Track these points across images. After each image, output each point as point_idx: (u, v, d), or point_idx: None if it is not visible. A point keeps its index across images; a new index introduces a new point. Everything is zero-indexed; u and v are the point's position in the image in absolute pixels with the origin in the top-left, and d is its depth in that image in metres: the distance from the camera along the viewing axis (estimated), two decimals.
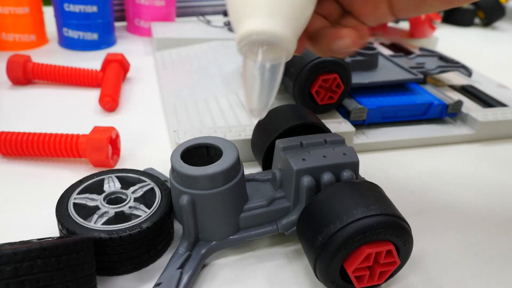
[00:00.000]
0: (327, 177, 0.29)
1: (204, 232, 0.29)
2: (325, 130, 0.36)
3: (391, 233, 0.26)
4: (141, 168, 0.36)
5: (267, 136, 0.35)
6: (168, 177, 0.36)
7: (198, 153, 0.31)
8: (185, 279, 0.27)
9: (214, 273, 0.30)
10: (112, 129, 0.39)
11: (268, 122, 0.37)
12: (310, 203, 0.28)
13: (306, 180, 0.29)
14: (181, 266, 0.28)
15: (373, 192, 0.28)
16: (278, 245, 0.32)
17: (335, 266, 0.26)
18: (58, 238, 0.26)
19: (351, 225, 0.25)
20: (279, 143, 0.31)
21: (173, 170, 0.29)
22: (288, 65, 0.45)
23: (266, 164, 0.36)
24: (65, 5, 0.64)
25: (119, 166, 0.40)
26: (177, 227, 0.33)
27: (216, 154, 0.31)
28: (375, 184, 0.29)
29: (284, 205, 0.31)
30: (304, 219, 0.28)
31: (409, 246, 0.27)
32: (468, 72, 0.58)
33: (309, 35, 0.28)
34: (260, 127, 0.37)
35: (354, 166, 0.30)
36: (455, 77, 0.60)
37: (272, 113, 0.37)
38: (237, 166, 0.29)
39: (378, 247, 0.26)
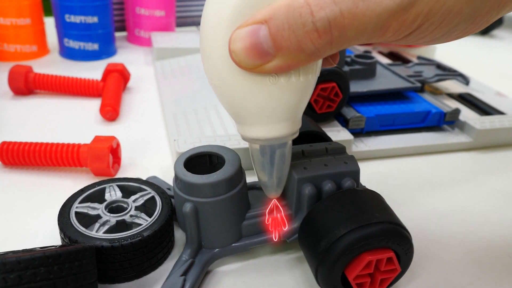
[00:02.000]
0: (328, 185, 0.30)
1: (207, 239, 0.30)
2: (326, 138, 0.36)
3: (393, 241, 0.26)
4: (142, 177, 0.36)
5: None
6: (171, 185, 0.36)
7: (200, 161, 0.32)
8: (188, 286, 0.27)
9: (216, 281, 0.30)
10: (112, 138, 0.40)
11: None
12: (312, 209, 0.28)
13: (308, 189, 0.29)
14: (184, 273, 0.28)
15: (375, 200, 0.28)
16: (279, 252, 0.33)
17: (337, 272, 0.26)
18: (60, 246, 0.26)
19: (354, 231, 0.26)
20: None
21: (176, 178, 0.29)
22: None
23: None
24: (66, 16, 0.65)
25: (120, 175, 0.40)
26: (178, 235, 0.33)
27: (219, 162, 0.32)
28: (377, 193, 0.29)
29: (286, 213, 0.31)
30: (306, 225, 0.28)
31: (410, 254, 0.28)
32: (465, 80, 0.58)
33: None
34: None
35: (355, 174, 0.31)
36: (452, 85, 0.61)
37: None
38: (239, 174, 0.30)
39: (379, 254, 0.26)
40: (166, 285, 0.27)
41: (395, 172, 0.44)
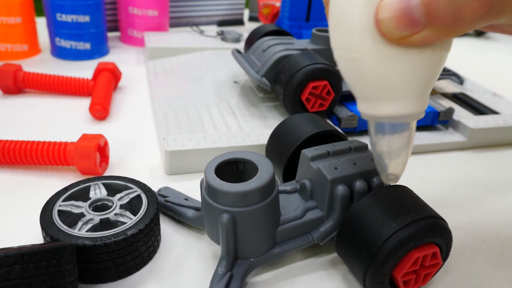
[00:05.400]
0: (359, 184, 0.29)
1: (243, 249, 0.28)
2: (342, 137, 0.35)
3: (438, 235, 0.26)
4: (130, 176, 0.36)
5: (286, 146, 0.35)
6: (187, 195, 0.35)
7: (226, 168, 0.30)
8: None
9: None
10: (100, 136, 0.39)
11: (285, 132, 0.36)
12: (352, 210, 0.27)
13: (341, 189, 0.28)
14: (226, 287, 0.27)
15: (411, 195, 0.28)
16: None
17: (387, 272, 0.26)
18: (40, 244, 0.26)
19: (403, 229, 0.25)
20: (307, 153, 0.31)
21: (209, 188, 0.27)
22: (279, 72, 0.45)
23: (287, 174, 0.35)
24: (58, 14, 0.64)
25: (108, 173, 0.40)
26: (164, 235, 0.33)
27: (245, 168, 0.30)
28: (408, 187, 0.29)
29: (317, 215, 0.30)
30: (347, 227, 0.27)
31: (450, 246, 0.27)
32: (459, 80, 0.58)
33: None
34: (277, 137, 0.36)
35: None
36: (446, 85, 0.60)
37: (287, 123, 0.36)
38: (273, 180, 0.28)
39: (425, 250, 0.26)
40: None
41: None
